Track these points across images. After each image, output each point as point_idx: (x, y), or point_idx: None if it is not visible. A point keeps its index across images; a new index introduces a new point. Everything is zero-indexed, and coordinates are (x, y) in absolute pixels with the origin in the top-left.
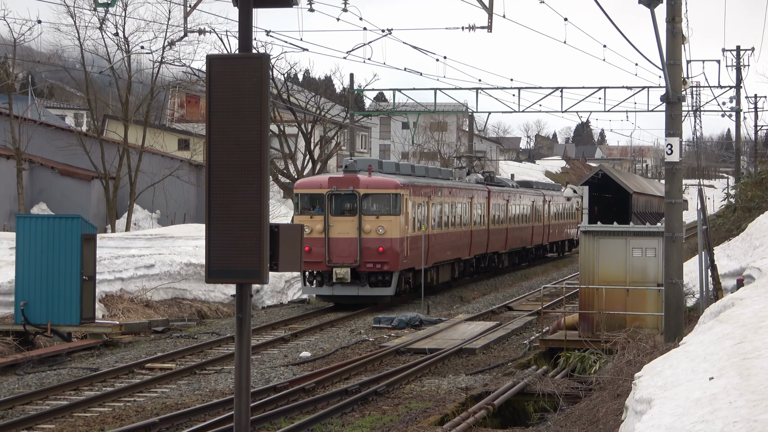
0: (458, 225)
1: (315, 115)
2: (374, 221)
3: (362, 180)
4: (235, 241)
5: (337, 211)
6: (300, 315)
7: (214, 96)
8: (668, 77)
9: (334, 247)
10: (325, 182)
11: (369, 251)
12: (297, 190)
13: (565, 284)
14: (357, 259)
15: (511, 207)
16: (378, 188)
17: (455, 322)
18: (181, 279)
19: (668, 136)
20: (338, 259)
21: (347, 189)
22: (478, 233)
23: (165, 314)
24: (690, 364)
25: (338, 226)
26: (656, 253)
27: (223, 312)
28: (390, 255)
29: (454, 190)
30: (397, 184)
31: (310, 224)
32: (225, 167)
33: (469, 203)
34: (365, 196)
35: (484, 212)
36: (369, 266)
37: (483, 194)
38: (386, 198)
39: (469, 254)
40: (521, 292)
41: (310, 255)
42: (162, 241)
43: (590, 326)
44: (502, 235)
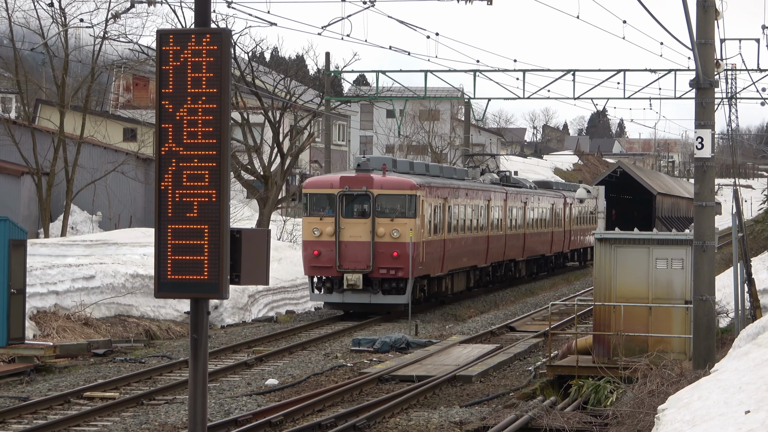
0: (475, 230)
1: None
2: (389, 224)
3: (376, 180)
4: (189, 248)
5: (349, 212)
6: (266, 335)
7: (166, 78)
8: (698, 58)
9: (346, 252)
10: (337, 182)
11: (382, 256)
12: (306, 190)
13: (577, 301)
14: (370, 264)
15: (529, 210)
16: (393, 189)
17: (448, 345)
18: (126, 293)
19: (698, 128)
20: (349, 264)
21: (360, 189)
22: (495, 239)
23: (107, 334)
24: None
25: (350, 228)
26: (684, 265)
27: (175, 332)
28: (405, 260)
29: (470, 192)
30: (413, 184)
31: (319, 226)
32: (178, 161)
33: (486, 206)
34: (379, 197)
35: (501, 216)
36: (382, 272)
37: (500, 196)
38: (402, 199)
39: (486, 261)
40: (525, 309)
41: (319, 259)
42: (104, 248)
43: (606, 350)
44: (520, 241)
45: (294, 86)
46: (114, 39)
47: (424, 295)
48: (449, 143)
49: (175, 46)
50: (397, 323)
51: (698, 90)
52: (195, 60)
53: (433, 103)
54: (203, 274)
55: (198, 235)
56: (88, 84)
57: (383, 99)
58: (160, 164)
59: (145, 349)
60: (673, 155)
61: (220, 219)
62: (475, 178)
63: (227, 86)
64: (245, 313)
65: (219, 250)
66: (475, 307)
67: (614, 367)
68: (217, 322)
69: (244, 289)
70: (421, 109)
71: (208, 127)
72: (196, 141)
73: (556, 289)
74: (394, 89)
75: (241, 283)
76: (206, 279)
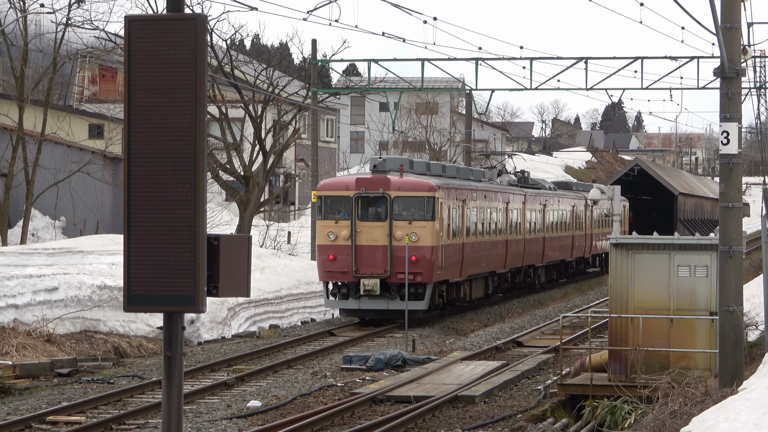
0: (493, 233)
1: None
2: (407, 227)
3: (393, 181)
4: (162, 257)
5: (366, 215)
6: (248, 353)
7: (136, 69)
8: (723, 44)
9: (362, 256)
10: (352, 183)
11: (401, 260)
12: (320, 192)
13: (591, 313)
14: (387, 269)
15: (548, 213)
16: (411, 190)
17: (449, 362)
18: (92, 306)
19: (724, 121)
20: (366, 269)
21: (377, 191)
22: (514, 243)
23: (72, 352)
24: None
25: (366, 232)
26: (708, 273)
27: (147, 349)
28: (424, 265)
29: (489, 194)
30: (432, 186)
31: (334, 230)
32: (150, 161)
33: (505, 208)
34: (397, 199)
35: (520, 219)
36: (400, 277)
37: (519, 198)
38: (420, 201)
39: (505, 267)
40: (534, 322)
41: (335, 264)
42: (68, 256)
43: (623, 367)
44: (539, 246)
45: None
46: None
47: (443, 302)
48: (449, 139)
49: (145, 34)
50: (392, 338)
51: (723, 79)
52: (167, 49)
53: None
54: (178, 285)
55: (172, 242)
56: (50, 76)
57: (376, 91)
58: (130, 164)
59: (114, 368)
60: (696, 151)
61: (196, 224)
62: (492, 179)
63: (203, 78)
64: (224, 328)
65: (195, 258)
66: (478, 319)
67: (632, 385)
68: (194, 338)
69: (223, 301)
70: (418, 101)
71: (182, 122)
72: (169, 138)
73: (568, 300)
74: (388, 80)
75: (220, 295)
76: (181, 291)
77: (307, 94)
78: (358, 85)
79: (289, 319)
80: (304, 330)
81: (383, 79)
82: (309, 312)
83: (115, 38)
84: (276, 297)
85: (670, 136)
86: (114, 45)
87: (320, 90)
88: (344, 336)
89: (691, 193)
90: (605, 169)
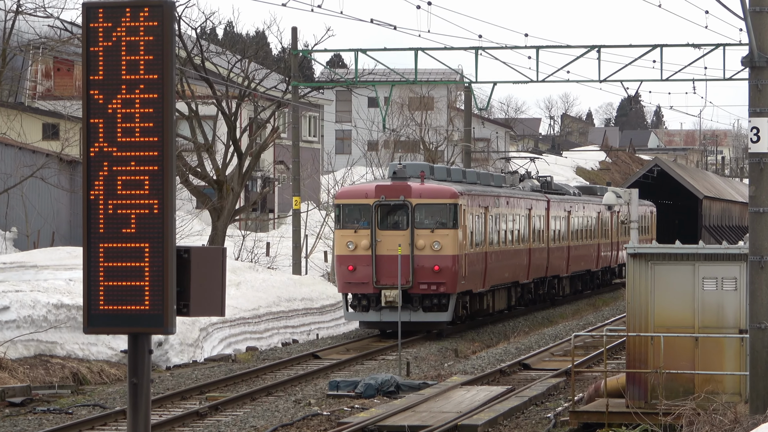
0: (516, 242)
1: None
2: (429, 236)
3: (414, 188)
4: (126, 272)
5: (386, 224)
6: (222, 378)
7: (95, 61)
8: (752, 30)
9: (383, 266)
10: (372, 191)
11: (423, 270)
12: (338, 200)
13: (606, 331)
14: (409, 279)
15: (573, 220)
16: (433, 198)
17: (447, 387)
18: (48, 327)
19: (753, 116)
20: (387, 279)
21: (397, 199)
22: (537, 252)
23: (25, 379)
24: None
25: (387, 241)
26: (738, 285)
27: (109, 375)
28: (447, 275)
29: (511, 200)
30: (454, 192)
31: (354, 240)
32: (111, 165)
33: (527, 215)
34: (418, 207)
35: (543, 226)
36: (423, 288)
37: (542, 205)
38: (442, 209)
39: (528, 277)
40: (543, 342)
41: (355, 275)
42: (21, 272)
43: (642, 391)
44: (563, 255)
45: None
46: (30, 13)
47: (467, 313)
48: (446, 138)
49: (105, 22)
50: (384, 360)
51: (752, 69)
52: (130, 39)
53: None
54: (144, 303)
55: (137, 255)
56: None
57: (364, 84)
58: (89, 168)
59: (72, 396)
60: (722, 150)
61: (164, 235)
62: (513, 185)
63: (171, 71)
64: (196, 351)
65: (163, 273)
66: (480, 339)
67: (653, 412)
68: (162, 362)
69: (194, 321)
70: (411, 96)
71: (147, 121)
72: (133, 139)
73: (580, 317)
74: (377, 72)
75: (191, 314)
76: (147, 310)
77: (287, 88)
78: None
79: (268, 341)
80: (286, 352)
81: (372, 71)
82: (291, 332)
83: (72, 27)
84: (254, 316)
85: (693, 132)
86: (70, 35)
87: (301, 84)
88: (330, 359)
89: (718, 196)
90: (621, 171)
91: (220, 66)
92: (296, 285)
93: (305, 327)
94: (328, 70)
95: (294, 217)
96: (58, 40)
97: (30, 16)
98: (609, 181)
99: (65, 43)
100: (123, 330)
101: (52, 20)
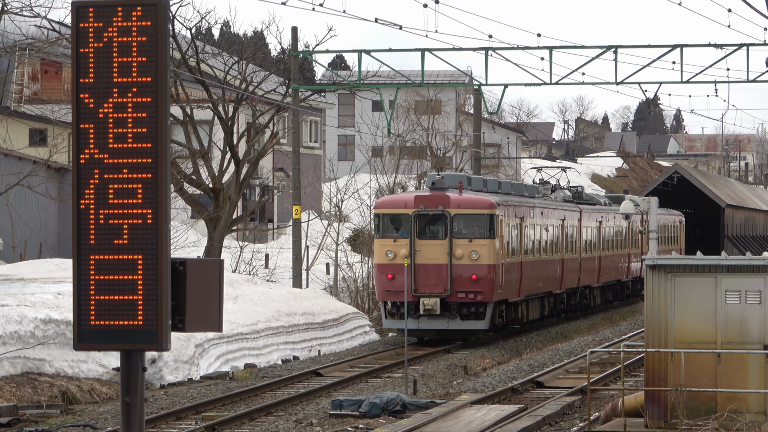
0: (550, 252)
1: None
2: (467, 245)
3: (453, 199)
4: (118, 285)
5: (424, 233)
6: (219, 397)
7: (85, 63)
8: None
9: (421, 275)
10: (411, 201)
11: (461, 279)
12: (378, 210)
13: (624, 347)
14: (447, 288)
15: (604, 230)
16: (471, 208)
17: (457, 406)
18: (36, 344)
19: None
20: (426, 288)
21: (436, 209)
22: (569, 262)
23: (12, 398)
24: None
25: (426, 250)
26: (762, 299)
27: (100, 394)
28: (485, 284)
29: (545, 211)
30: (492, 203)
31: (393, 249)
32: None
33: (561, 226)
34: (456, 217)
35: (576, 237)
36: (461, 296)
37: (575, 215)
38: (481, 219)
39: (561, 287)
40: (557, 358)
41: (394, 283)
42: (6, 285)
43: (662, 410)
44: (595, 265)
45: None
46: (16, 13)
47: (503, 321)
48: (454, 144)
49: (96, 23)
50: (390, 378)
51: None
52: (122, 40)
53: (432, 91)
54: (137, 318)
55: (129, 267)
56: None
57: (368, 87)
58: (79, 176)
59: (61, 416)
60: (745, 155)
61: (158, 247)
62: (546, 196)
63: (165, 73)
64: (191, 368)
65: (157, 287)
66: (491, 356)
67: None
68: (156, 380)
69: (189, 337)
70: (418, 99)
71: (140, 127)
72: (126, 146)
73: (596, 332)
74: (382, 74)
75: (187, 330)
76: (141, 325)
77: (287, 91)
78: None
79: (267, 357)
80: (286, 370)
81: (376, 73)
82: (291, 348)
83: (60, 27)
84: (252, 331)
85: (715, 137)
86: (58, 35)
87: (302, 86)
88: (333, 377)
89: (741, 204)
90: (639, 178)
91: (216, 68)
92: (297, 299)
93: (306, 343)
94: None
95: (294, 227)
96: (45, 41)
97: (16, 16)
98: (626, 188)
99: (53, 44)
100: (115, 347)
101: (39, 20)
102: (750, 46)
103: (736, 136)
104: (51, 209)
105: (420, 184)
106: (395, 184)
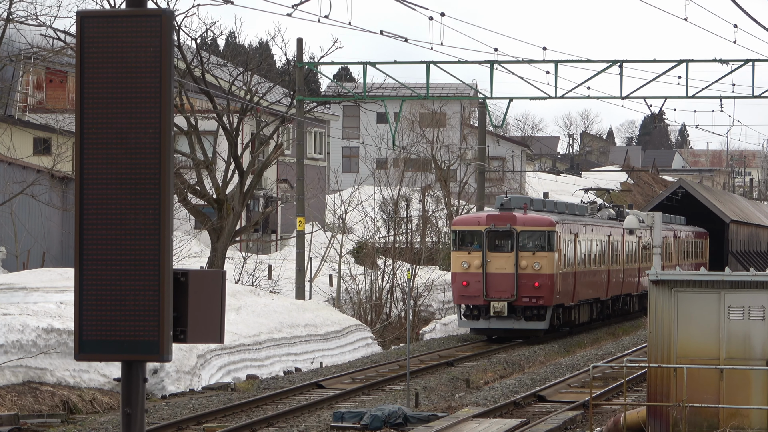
0: (598, 263)
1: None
2: (530, 257)
3: (519, 217)
4: (120, 295)
5: (494, 246)
6: (221, 408)
7: (89, 73)
8: None
9: (492, 282)
10: (483, 219)
11: (525, 286)
12: (455, 227)
13: (626, 362)
14: (514, 293)
15: (643, 244)
16: (534, 226)
17: (458, 420)
18: (37, 353)
19: None
20: (495, 293)
21: (504, 226)
22: (614, 273)
23: (13, 407)
24: None
25: (495, 261)
26: (766, 315)
27: (102, 404)
28: (545, 290)
29: (595, 228)
30: (552, 222)
31: (468, 260)
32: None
33: (607, 240)
34: (522, 233)
35: (619, 250)
36: (525, 300)
37: (618, 231)
38: (542, 235)
39: (606, 294)
40: (559, 372)
41: (468, 289)
42: (9, 294)
43: (665, 426)
44: (635, 275)
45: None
46: (21, 22)
47: (559, 323)
48: (459, 156)
49: (101, 32)
50: (392, 391)
51: None
52: (127, 50)
53: (437, 104)
54: (138, 329)
55: (131, 278)
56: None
57: (373, 99)
58: (82, 185)
59: (62, 426)
60: (750, 171)
61: (160, 257)
62: (593, 214)
63: (169, 84)
64: (193, 379)
65: (159, 297)
66: (493, 370)
67: None
68: (157, 390)
69: (191, 348)
70: (422, 111)
71: (144, 136)
72: (129, 155)
73: (599, 346)
74: (387, 86)
75: (189, 341)
76: (142, 336)
77: (292, 102)
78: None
79: (269, 369)
80: (288, 381)
81: (381, 86)
82: (293, 360)
83: (65, 36)
84: (254, 342)
85: (720, 153)
86: (63, 44)
87: (307, 98)
88: (335, 389)
89: (745, 220)
90: (643, 192)
91: (221, 78)
92: (299, 310)
93: (308, 355)
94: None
95: (298, 238)
96: (50, 50)
97: (21, 25)
98: (630, 203)
99: (58, 53)
100: (116, 357)
101: (44, 29)
102: (756, 61)
103: (741, 151)
104: (54, 218)
105: (424, 197)
106: (399, 197)
